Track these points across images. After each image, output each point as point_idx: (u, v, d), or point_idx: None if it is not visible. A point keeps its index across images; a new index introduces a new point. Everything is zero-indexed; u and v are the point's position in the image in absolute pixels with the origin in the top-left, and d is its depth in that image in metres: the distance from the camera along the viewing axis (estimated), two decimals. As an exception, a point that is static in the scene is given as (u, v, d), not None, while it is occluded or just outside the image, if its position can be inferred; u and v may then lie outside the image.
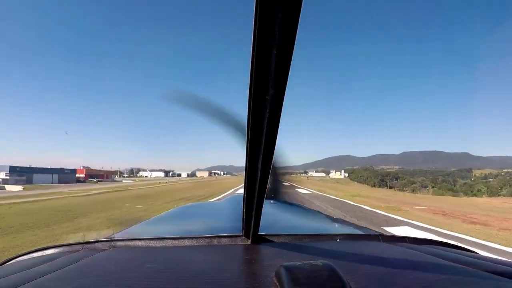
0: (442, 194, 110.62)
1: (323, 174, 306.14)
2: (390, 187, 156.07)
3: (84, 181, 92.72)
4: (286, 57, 0.62)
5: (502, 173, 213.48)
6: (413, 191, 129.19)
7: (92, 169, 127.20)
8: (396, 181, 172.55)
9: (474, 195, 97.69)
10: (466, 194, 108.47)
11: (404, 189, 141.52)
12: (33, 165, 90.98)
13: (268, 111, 0.71)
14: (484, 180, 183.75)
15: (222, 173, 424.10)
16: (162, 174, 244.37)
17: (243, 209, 1.19)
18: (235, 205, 2.55)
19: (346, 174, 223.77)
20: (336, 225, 2.39)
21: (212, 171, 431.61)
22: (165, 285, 0.89)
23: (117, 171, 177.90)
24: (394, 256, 1.28)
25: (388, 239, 1.56)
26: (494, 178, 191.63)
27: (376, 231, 1.87)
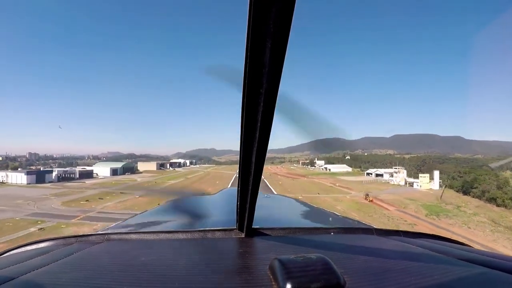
0: None
1: (347, 168, 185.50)
2: None
3: None
4: (280, 51, 0.59)
5: None
6: None
7: None
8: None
9: None
10: None
11: None
12: None
13: (262, 104, 0.69)
14: None
15: (187, 162, 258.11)
16: (22, 179, 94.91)
17: (237, 202, 1.15)
18: (229, 199, 2.51)
19: (435, 177, 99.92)
20: (330, 218, 2.41)
21: (169, 162, 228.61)
22: (159, 278, 0.86)
23: None
24: (388, 249, 1.23)
25: (382, 232, 1.51)
26: None
27: (370, 225, 1.84)
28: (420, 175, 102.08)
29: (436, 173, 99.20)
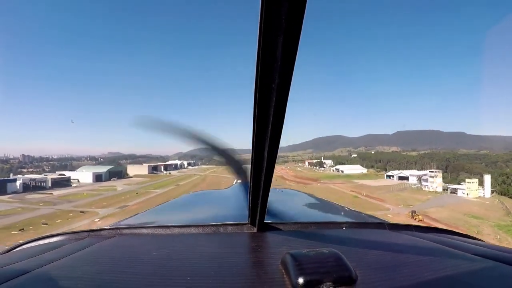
0: None
1: (361, 170, 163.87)
2: None
3: None
4: (292, 46, 0.59)
5: None
6: None
7: None
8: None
9: None
10: None
11: None
12: None
13: (274, 99, 0.68)
14: None
15: (185, 163, 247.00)
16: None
17: (249, 197, 1.15)
18: (241, 193, 2.45)
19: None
20: (342, 213, 2.41)
21: (164, 164, 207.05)
22: (171, 273, 0.86)
23: None
24: (400, 244, 1.23)
25: (394, 227, 1.51)
26: None
27: (382, 220, 1.84)
28: (467, 180, 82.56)
29: (487, 178, 79.45)
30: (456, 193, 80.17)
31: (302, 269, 0.75)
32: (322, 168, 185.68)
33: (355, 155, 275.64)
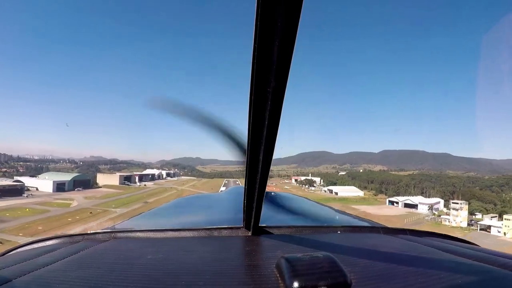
0: None
1: (358, 192, 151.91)
2: None
3: None
4: (288, 49, 0.59)
5: None
6: None
7: None
8: None
9: None
10: None
11: None
12: None
13: (269, 103, 0.68)
14: None
15: (164, 174, 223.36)
16: None
17: (244, 200, 1.14)
18: (236, 197, 2.44)
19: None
20: (337, 217, 2.42)
21: (139, 174, 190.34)
22: (166, 276, 0.86)
23: None
24: (395, 248, 1.23)
25: (389, 231, 1.52)
26: None
27: (377, 223, 1.87)
28: (505, 216, 68.59)
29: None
30: (487, 230, 67.32)
31: (297, 273, 0.75)
32: (313, 188, 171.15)
33: (343, 173, 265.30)
